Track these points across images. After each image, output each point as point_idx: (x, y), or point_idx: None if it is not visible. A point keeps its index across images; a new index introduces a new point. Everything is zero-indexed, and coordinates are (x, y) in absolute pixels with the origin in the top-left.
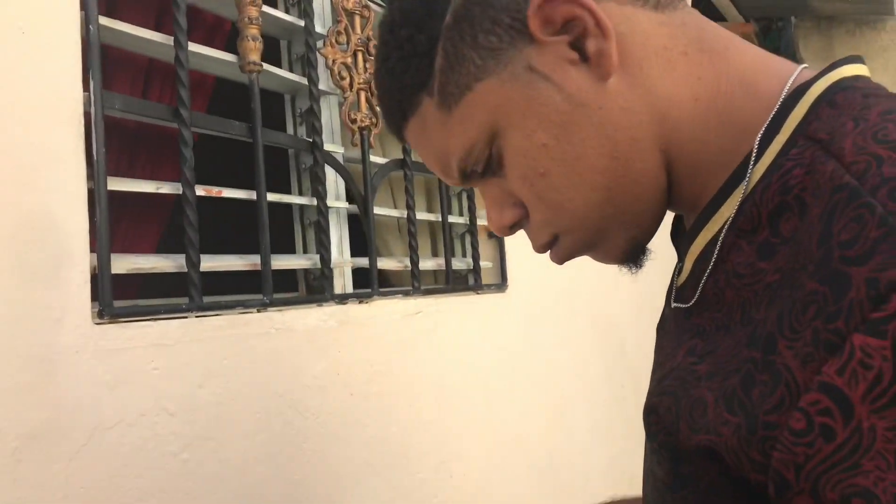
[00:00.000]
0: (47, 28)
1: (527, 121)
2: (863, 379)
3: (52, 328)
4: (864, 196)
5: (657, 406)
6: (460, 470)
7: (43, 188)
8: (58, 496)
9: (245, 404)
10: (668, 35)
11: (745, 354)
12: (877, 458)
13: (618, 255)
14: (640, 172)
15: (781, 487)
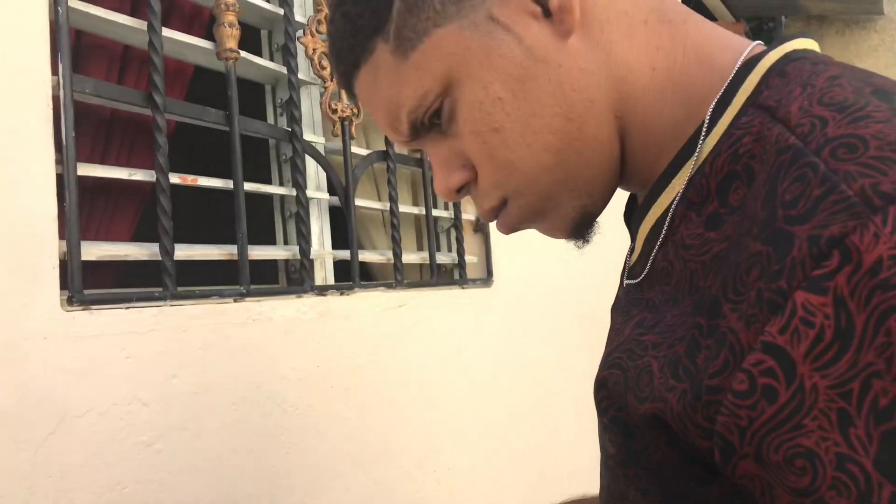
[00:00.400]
0: (13, 9)
1: (484, 72)
2: (805, 337)
3: (19, 313)
4: (809, 156)
5: (606, 379)
6: (444, 464)
7: (10, 172)
8: (24, 484)
9: (221, 395)
10: (631, 2)
11: (690, 322)
12: (819, 418)
13: (566, 225)
14: (593, 137)
15: (726, 452)
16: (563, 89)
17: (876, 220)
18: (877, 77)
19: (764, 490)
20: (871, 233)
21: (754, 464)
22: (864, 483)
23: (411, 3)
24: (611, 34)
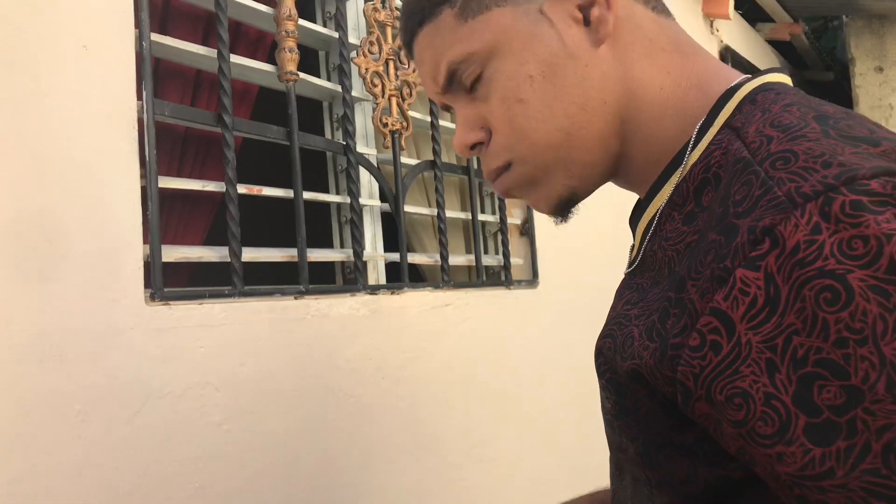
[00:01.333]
0: (106, 44)
1: (523, 52)
2: (742, 303)
3: (109, 308)
4: (754, 165)
5: (602, 347)
6: (489, 455)
7: (102, 186)
8: (116, 454)
9: (283, 382)
10: (656, 31)
11: (664, 296)
12: (752, 366)
13: (552, 200)
14: (598, 131)
15: (685, 396)
16: (584, 85)
17: (796, 213)
18: (826, 105)
19: (715, 427)
20: (792, 223)
21: (706, 404)
22: (784, 415)
23: None
24: (633, 52)
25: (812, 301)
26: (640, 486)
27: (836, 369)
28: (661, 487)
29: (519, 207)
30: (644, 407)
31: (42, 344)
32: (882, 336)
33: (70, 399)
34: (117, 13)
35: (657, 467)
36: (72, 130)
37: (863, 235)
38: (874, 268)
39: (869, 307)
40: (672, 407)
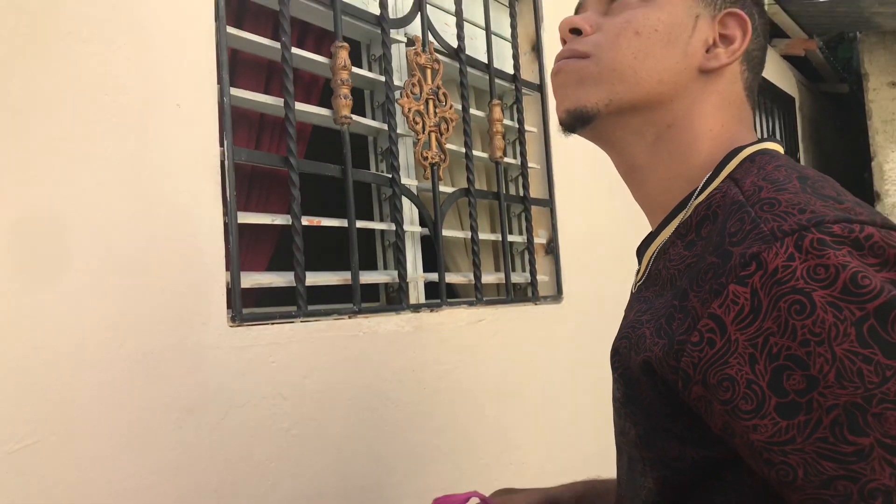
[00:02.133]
0: (194, 101)
1: (667, 18)
2: (732, 310)
3: (199, 329)
4: (747, 207)
5: (618, 347)
6: (519, 459)
7: (192, 222)
8: (205, 455)
9: (340, 392)
10: (738, 98)
11: (670, 304)
12: (738, 358)
13: (575, 104)
14: (649, 99)
15: (685, 380)
16: (670, 75)
17: (777, 245)
18: (807, 170)
19: (706, 407)
20: (773, 252)
21: (701, 387)
22: (760, 396)
23: None
24: (714, 94)
25: (785, 311)
26: (634, 464)
27: (800, 362)
28: (653, 465)
29: (544, 228)
30: (648, 398)
31: (148, 361)
32: (835, 339)
33: (168, 408)
34: (203, 73)
35: (653, 448)
36: (169, 177)
37: (825, 265)
38: (832, 289)
39: (826, 317)
40: (671, 397)
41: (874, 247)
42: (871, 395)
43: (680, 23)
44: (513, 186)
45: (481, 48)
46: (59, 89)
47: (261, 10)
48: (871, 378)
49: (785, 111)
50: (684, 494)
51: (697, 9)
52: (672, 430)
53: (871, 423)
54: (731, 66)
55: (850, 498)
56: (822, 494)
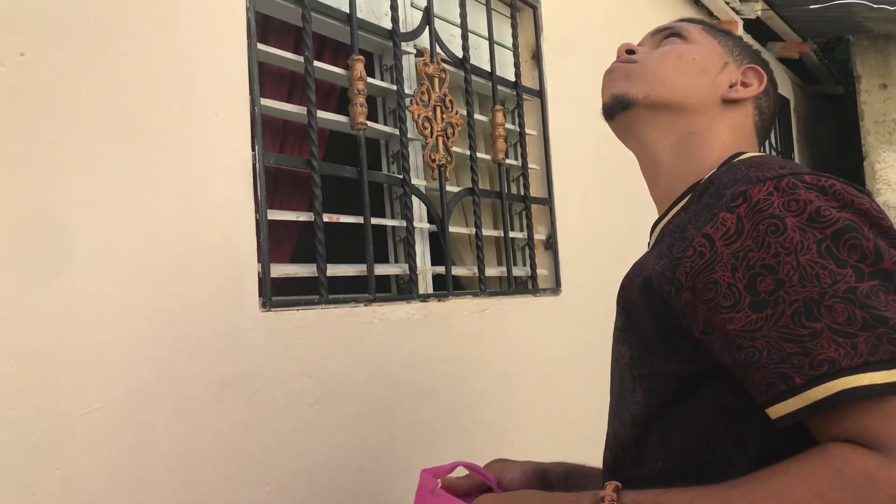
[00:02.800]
0: (230, 110)
1: (704, 56)
2: (721, 230)
3: (235, 314)
4: (739, 166)
5: (624, 284)
6: (519, 438)
7: (229, 220)
8: (240, 426)
9: (357, 372)
10: (749, 132)
11: (670, 238)
12: (723, 266)
13: (618, 90)
14: (677, 105)
15: (678, 287)
16: (696, 94)
17: (760, 185)
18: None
19: (692, 312)
20: (756, 189)
21: (690, 293)
22: (738, 295)
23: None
24: (730, 119)
25: (763, 231)
26: (625, 383)
27: (771, 269)
28: (642, 381)
29: (544, 225)
30: (643, 323)
31: (190, 341)
32: (800, 252)
33: (208, 383)
34: (237, 85)
35: (643, 366)
36: (208, 179)
37: (796, 199)
38: (800, 217)
39: (795, 236)
40: (663, 315)
41: (836, 193)
42: (824, 292)
43: (712, 61)
44: (514, 186)
45: (485, 57)
46: (117, 102)
47: (283, 26)
48: (826, 280)
49: (780, 113)
50: (667, 406)
51: (727, 58)
52: (660, 349)
53: (824, 313)
54: (746, 105)
55: (803, 368)
56: (781, 368)
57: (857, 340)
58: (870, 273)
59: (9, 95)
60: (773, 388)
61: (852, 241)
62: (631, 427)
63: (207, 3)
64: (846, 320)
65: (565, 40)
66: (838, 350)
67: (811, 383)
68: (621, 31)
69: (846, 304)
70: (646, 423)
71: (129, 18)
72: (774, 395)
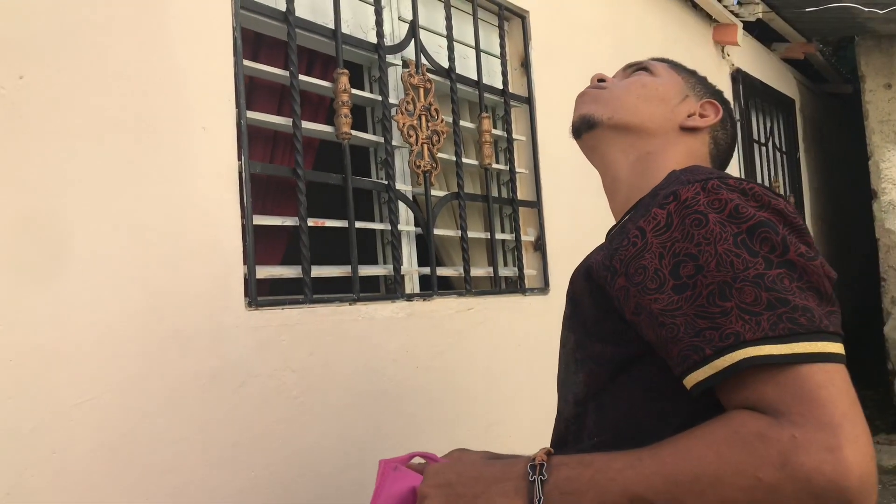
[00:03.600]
0: (217, 124)
1: (665, 88)
2: (652, 223)
3: (220, 312)
4: (675, 172)
5: (572, 278)
6: (504, 432)
7: (216, 225)
8: (227, 416)
9: (341, 367)
10: (703, 159)
11: (614, 237)
12: (651, 254)
13: (585, 111)
14: (637, 130)
15: (613, 273)
16: (656, 122)
17: (689, 186)
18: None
19: (625, 295)
20: (686, 189)
21: (624, 279)
22: (663, 278)
23: (687, 74)
24: (683, 150)
25: (689, 225)
26: (569, 366)
27: (693, 257)
28: (583, 363)
29: (533, 227)
30: (585, 310)
31: (179, 337)
32: (718, 242)
33: (196, 376)
34: (223, 100)
35: (585, 348)
36: (196, 187)
37: (719, 199)
38: (721, 213)
39: (715, 229)
40: (600, 300)
41: (755, 195)
42: (736, 276)
43: (674, 93)
44: (504, 190)
45: (474, 66)
46: (109, 118)
47: (275, 42)
48: (738, 266)
49: (785, 113)
50: (604, 385)
51: (687, 91)
52: (598, 333)
53: (735, 294)
54: (702, 133)
55: (712, 340)
56: (694, 341)
57: (761, 318)
58: (778, 262)
59: (9, 116)
60: (687, 360)
61: (765, 235)
62: (573, 405)
63: (195, 23)
64: (753, 301)
65: (554, 48)
66: (744, 325)
67: (719, 353)
68: (614, 39)
69: (754, 287)
70: (585, 402)
71: (121, 41)
72: (689, 366)
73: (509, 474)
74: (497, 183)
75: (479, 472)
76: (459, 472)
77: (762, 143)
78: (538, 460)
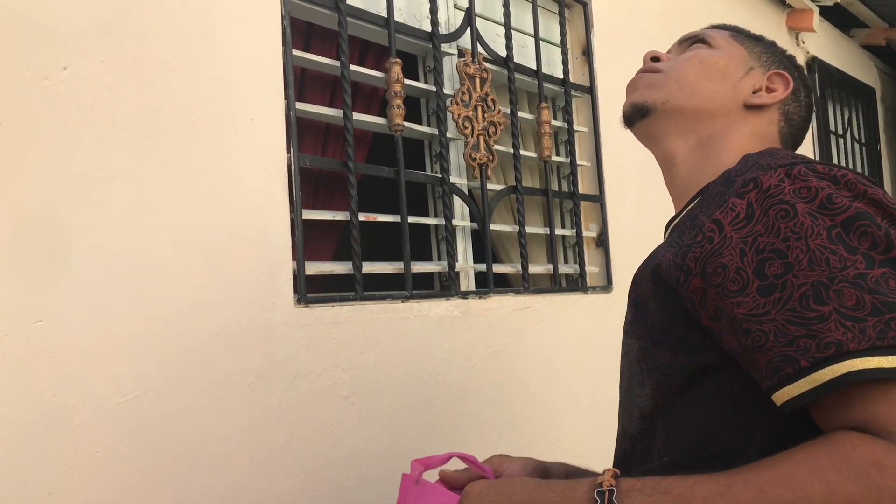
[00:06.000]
0: (265, 114)
1: (726, 60)
2: (730, 215)
3: (269, 309)
4: (750, 155)
5: (634, 278)
6: (566, 435)
7: (264, 219)
8: (274, 416)
9: (393, 367)
10: (772, 138)
11: (683, 229)
12: (731, 251)
13: (637, 99)
14: (698, 112)
15: (686, 273)
16: (719, 101)
17: (771, 172)
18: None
19: (701, 298)
20: (768, 176)
21: (700, 279)
22: (745, 279)
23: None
24: (752, 125)
25: (773, 216)
26: (633, 377)
27: (780, 253)
28: (650, 373)
29: (595, 222)
30: (651, 315)
31: (226, 334)
32: (810, 236)
33: (243, 373)
34: (272, 91)
35: (650, 358)
36: (244, 180)
37: (808, 186)
38: (811, 204)
39: (805, 221)
40: (670, 305)
41: (848, 183)
42: (833, 276)
43: (736, 66)
44: (565, 183)
45: (533, 55)
46: (154, 109)
47: (326, 32)
48: (835, 265)
49: (865, 103)
50: (674, 399)
51: (751, 63)
52: (667, 340)
53: (832, 296)
54: (771, 111)
55: (809, 350)
56: (786, 350)
57: (866, 325)
58: (880, 261)
59: (52, 107)
60: (779, 372)
61: (864, 229)
62: (638, 420)
63: (243, 11)
64: (855, 304)
65: (617, 35)
66: (846, 333)
67: (817, 365)
68: (680, 25)
69: (855, 288)
70: (652, 417)
71: (166, 31)
72: (780, 379)
73: (571, 501)
74: (557, 176)
75: (533, 497)
76: (509, 497)
77: (840, 135)
78: (606, 485)
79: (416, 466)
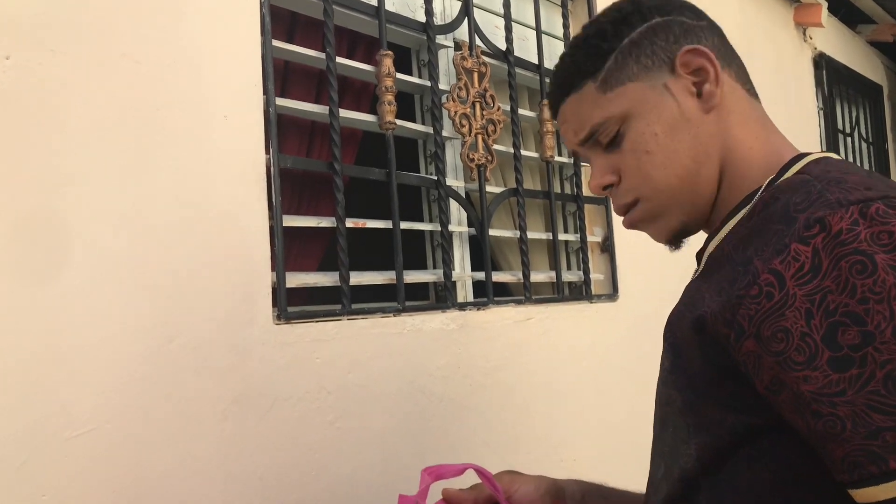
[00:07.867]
0: (241, 112)
1: (650, 114)
2: (793, 267)
3: (245, 326)
4: (813, 182)
5: (671, 318)
6: (570, 455)
7: (238, 226)
8: (251, 446)
9: (383, 387)
10: (749, 108)
11: (731, 271)
12: (795, 311)
13: (668, 232)
14: (705, 177)
15: (738, 333)
16: (696, 142)
17: (842, 211)
18: (853, 166)
19: (755, 363)
20: (838, 216)
21: (753, 341)
22: (814, 349)
23: (620, 64)
24: (732, 119)
25: (846, 270)
26: (679, 431)
27: (857, 319)
28: (697, 430)
29: (599, 226)
30: (694, 364)
31: (196, 356)
32: (893, 298)
33: (216, 399)
34: (249, 85)
35: (697, 413)
36: (217, 184)
37: (889, 231)
38: (894, 253)
39: (888, 278)
40: (717, 358)
41: None
42: None
43: (661, 106)
44: (568, 185)
45: (533, 48)
46: (116, 106)
47: (312, 22)
48: None
49: (872, 100)
50: (722, 461)
51: (655, 79)
52: (715, 395)
53: None
54: (725, 88)
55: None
56: (870, 445)
57: None
58: None
59: None
60: (860, 469)
61: None
62: (679, 481)
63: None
64: None
65: None
66: None
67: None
68: None
69: None
70: (696, 480)
71: (129, 17)
72: (862, 477)
73: None
74: (560, 177)
75: None
76: None
77: (847, 134)
78: None
79: (424, 477)
